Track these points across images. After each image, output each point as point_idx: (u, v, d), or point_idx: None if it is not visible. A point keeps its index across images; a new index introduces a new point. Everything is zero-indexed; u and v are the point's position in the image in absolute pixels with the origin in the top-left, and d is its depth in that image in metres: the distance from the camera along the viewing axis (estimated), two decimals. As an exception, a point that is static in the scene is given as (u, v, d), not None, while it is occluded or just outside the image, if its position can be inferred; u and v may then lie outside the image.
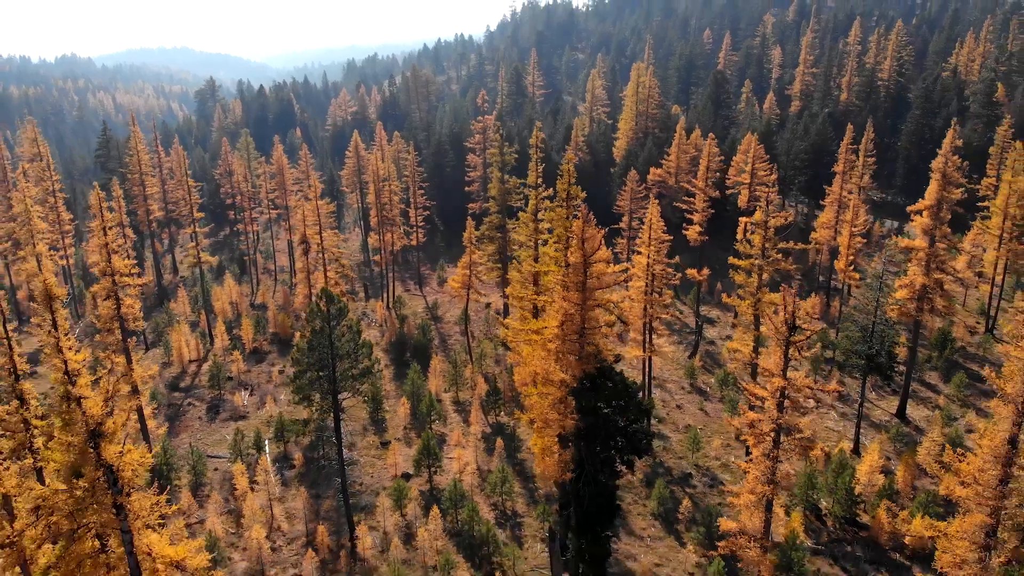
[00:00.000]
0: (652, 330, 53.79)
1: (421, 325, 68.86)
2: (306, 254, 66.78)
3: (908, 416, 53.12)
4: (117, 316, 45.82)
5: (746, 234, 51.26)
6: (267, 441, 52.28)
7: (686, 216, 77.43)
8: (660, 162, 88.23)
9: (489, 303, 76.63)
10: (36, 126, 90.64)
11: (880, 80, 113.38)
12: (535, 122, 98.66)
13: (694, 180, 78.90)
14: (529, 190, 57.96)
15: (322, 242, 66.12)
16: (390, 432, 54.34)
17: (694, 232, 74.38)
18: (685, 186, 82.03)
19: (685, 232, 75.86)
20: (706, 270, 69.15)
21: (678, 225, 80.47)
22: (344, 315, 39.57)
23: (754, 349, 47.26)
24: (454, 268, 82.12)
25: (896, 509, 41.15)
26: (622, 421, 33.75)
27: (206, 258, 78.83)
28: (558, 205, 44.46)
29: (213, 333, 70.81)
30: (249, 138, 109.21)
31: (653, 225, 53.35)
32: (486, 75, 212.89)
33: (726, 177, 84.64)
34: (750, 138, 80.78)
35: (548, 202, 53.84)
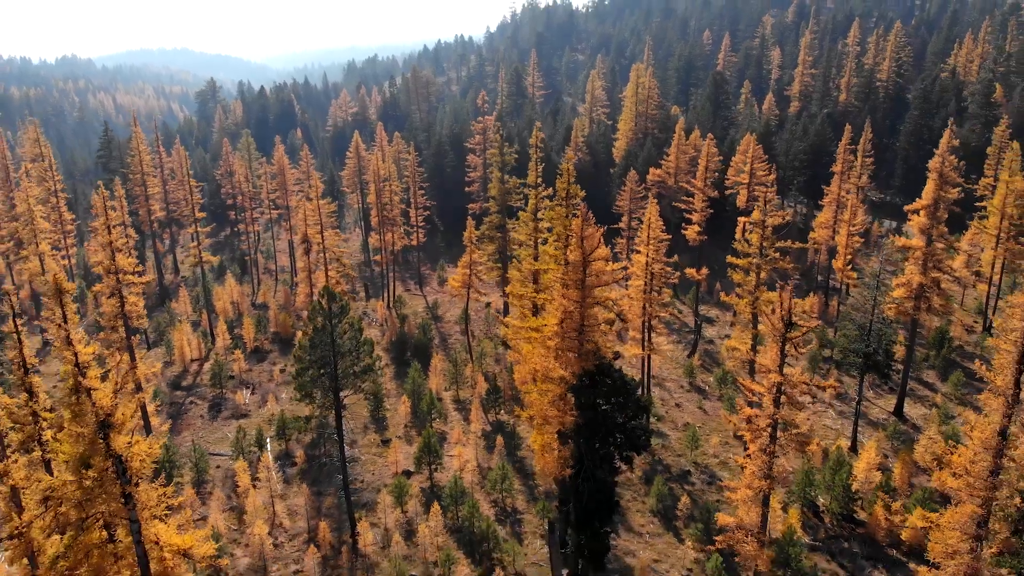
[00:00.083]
0: (651, 328, 54.18)
1: (421, 324, 69.21)
2: (307, 253, 67.18)
3: (906, 414, 53.45)
4: (121, 314, 46.24)
5: (744, 233, 51.56)
6: (269, 439, 52.64)
7: (685, 216, 77.80)
8: (659, 162, 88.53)
9: (489, 302, 76.98)
10: (38, 127, 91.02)
11: (879, 81, 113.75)
12: (535, 123, 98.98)
13: (693, 180, 79.24)
14: (529, 189, 58.34)
15: (323, 241, 66.49)
16: (391, 430, 54.70)
17: (693, 232, 74.77)
18: (684, 186, 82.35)
19: (684, 232, 76.27)
20: (705, 270, 69.44)
21: (677, 225, 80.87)
22: (346, 313, 39.95)
23: (752, 347, 47.57)
24: (454, 268, 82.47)
25: (893, 504, 41.47)
26: (621, 417, 34.09)
27: (207, 258, 79.26)
28: (558, 204, 44.87)
29: (215, 332, 71.21)
30: (250, 138, 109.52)
31: (652, 224, 53.69)
32: (486, 76, 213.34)
33: (725, 177, 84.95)
34: (749, 138, 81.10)
35: (548, 201, 54.24)
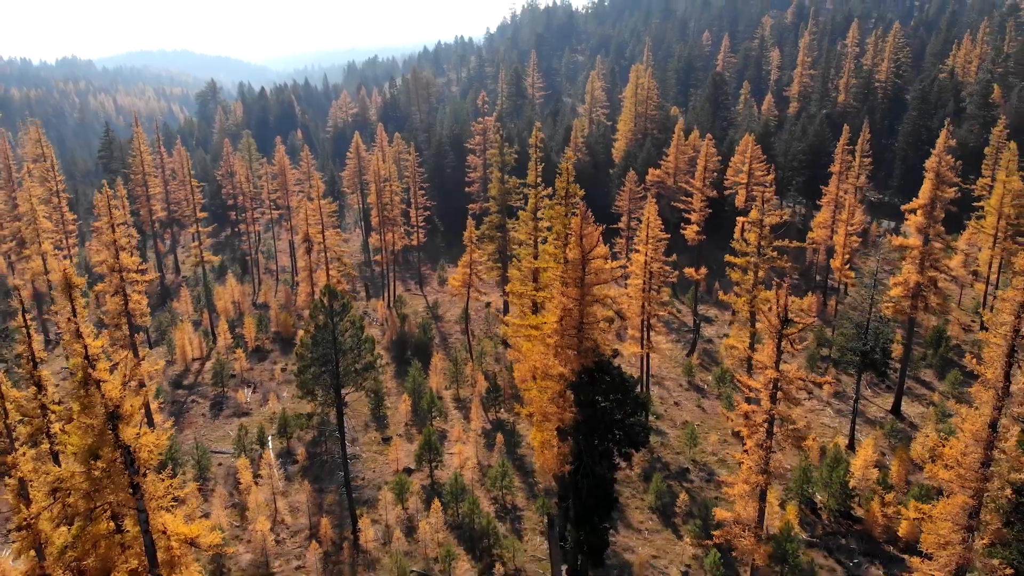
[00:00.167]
0: (650, 327, 54.56)
1: (422, 324, 69.56)
2: (308, 253, 67.54)
3: (903, 412, 53.82)
4: (125, 311, 46.60)
5: (743, 232, 51.96)
6: (270, 437, 52.99)
7: (684, 216, 78.16)
8: (659, 163, 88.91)
9: (489, 302, 77.34)
10: (40, 127, 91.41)
11: (877, 81, 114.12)
12: (535, 123, 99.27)
13: (692, 180, 79.60)
14: (529, 189, 58.69)
15: (324, 241, 66.85)
16: (392, 428, 55.05)
17: (692, 232, 75.12)
18: (683, 186, 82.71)
19: (683, 232, 76.61)
20: (704, 269, 69.82)
21: (676, 225, 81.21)
22: (347, 311, 40.31)
23: (750, 345, 47.87)
24: (454, 268, 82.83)
25: (887, 496, 41.84)
26: (619, 414, 34.39)
27: (208, 258, 79.62)
28: (557, 203, 45.17)
29: (216, 332, 71.57)
30: (251, 139, 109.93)
31: (651, 223, 54.07)
32: (486, 77, 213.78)
33: (724, 177, 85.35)
34: (748, 139, 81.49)
35: (547, 200, 54.56)
